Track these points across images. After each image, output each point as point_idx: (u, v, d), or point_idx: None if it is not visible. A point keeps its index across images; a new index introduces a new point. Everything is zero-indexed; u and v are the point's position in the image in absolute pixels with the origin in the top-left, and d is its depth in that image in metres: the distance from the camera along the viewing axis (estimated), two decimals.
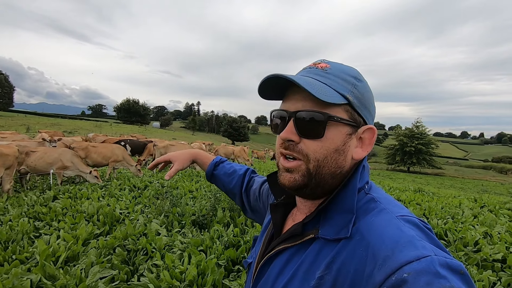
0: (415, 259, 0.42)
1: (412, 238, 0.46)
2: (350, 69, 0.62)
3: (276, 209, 0.73)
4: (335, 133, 0.57)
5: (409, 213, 0.54)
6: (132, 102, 73.81)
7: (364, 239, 0.50)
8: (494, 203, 7.44)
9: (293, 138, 0.58)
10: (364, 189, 0.60)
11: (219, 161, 1.16)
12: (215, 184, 1.16)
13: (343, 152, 0.58)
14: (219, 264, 2.94)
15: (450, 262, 0.42)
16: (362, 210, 0.56)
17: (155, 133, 44.60)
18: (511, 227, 4.72)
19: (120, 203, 4.93)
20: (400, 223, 0.50)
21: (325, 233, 0.56)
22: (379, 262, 0.45)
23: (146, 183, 6.91)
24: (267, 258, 0.66)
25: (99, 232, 3.70)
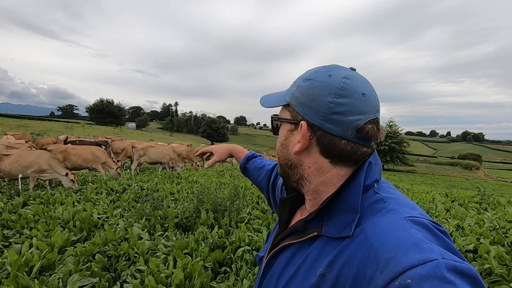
0: (419, 263, 0.40)
1: (418, 240, 0.44)
2: (310, 71, 0.65)
3: (285, 204, 0.74)
4: (281, 130, 0.68)
5: (421, 214, 0.52)
6: (106, 102, 70.92)
7: (368, 239, 0.49)
8: (463, 197, 7.92)
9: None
10: (373, 188, 0.58)
11: (251, 155, 1.25)
12: (248, 177, 1.23)
13: (286, 146, 0.66)
14: (205, 267, 2.89)
15: (459, 266, 0.40)
16: (369, 210, 0.54)
17: (131, 135, 43.15)
18: (480, 219, 5.05)
19: (97, 208, 4.71)
20: (407, 225, 0.47)
21: (329, 231, 0.56)
22: (381, 265, 0.44)
23: (125, 186, 6.65)
24: (273, 253, 0.67)
25: (76, 239, 3.51)
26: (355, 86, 0.58)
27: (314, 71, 0.63)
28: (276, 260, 0.66)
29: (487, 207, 6.51)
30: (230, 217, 4.46)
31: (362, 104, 0.57)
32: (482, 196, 7.16)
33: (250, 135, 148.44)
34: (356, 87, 0.58)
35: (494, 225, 4.61)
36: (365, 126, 0.57)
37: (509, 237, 3.93)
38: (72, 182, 6.15)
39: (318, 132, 0.59)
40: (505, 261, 3.20)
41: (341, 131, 0.57)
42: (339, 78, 0.59)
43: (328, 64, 0.64)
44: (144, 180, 7.81)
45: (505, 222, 4.95)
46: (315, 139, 0.60)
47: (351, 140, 0.58)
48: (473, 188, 22.26)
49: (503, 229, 4.45)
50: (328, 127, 0.57)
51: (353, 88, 0.58)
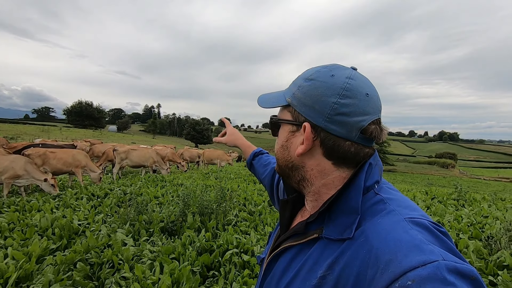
0: (420, 265, 0.39)
1: (419, 242, 0.43)
2: (310, 71, 0.63)
3: (286, 205, 0.73)
4: (281, 132, 0.67)
5: (422, 215, 0.51)
6: (84, 105, 68.45)
7: (368, 241, 0.49)
8: (442, 194, 8.24)
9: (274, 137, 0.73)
10: (374, 189, 0.57)
11: (259, 152, 1.25)
12: (253, 173, 1.24)
13: (286, 147, 0.65)
14: (193, 271, 2.84)
15: (460, 267, 0.39)
16: (369, 211, 0.54)
17: (112, 137, 41.91)
18: (458, 215, 5.27)
19: (78, 214, 4.52)
20: (408, 226, 0.47)
21: (329, 233, 0.55)
22: (381, 267, 0.43)
23: (106, 190, 6.43)
24: (274, 255, 0.67)
25: (55, 247, 3.35)
26: (359, 86, 0.58)
27: (316, 71, 0.62)
28: (277, 262, 0.66)
29: (464, 204, 6.80)
30: (217, 220, 4.41)
31: (366, 105, 0.57)
32: (459, 193, 7.49)
33: None
34: (359, 87, 0.58)
35: (471, 221, 4.82)
36: (369, 127, 0.57)
37: (485, 232, 4.12)
38: (52, 187, 5.88)
39: (322, 133, 0.58)
40: (483, 254, 3.35)
41: (345, 132, 0.56)
42: (342, 78, 0.58)
43: (329, 64, 0.63)
44: (127, 184, 7.59)
45: (481, 217, 5.20)
46: (319, 141, 0.59)
47: (355, 141, 0.57)
48: (450, 185, 23.25)
49: (480, 224, 4.67)
50: (332, 128, 0.57)
51: (357, 89, 0.57)
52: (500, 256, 3.19)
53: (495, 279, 2.80)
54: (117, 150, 8.74)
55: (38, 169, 6.04)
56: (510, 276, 2.73)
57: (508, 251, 3.29)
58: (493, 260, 3.17)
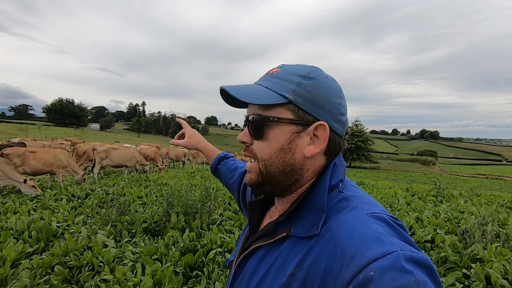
0: (381, 256, 0.42)
1: (379, 235, 0.46)
2: (302, 68, 0.62)
3: (254, 207, 0.74)
4: (279, 133, 0.59)
5: (381, 210, 0.55)
6: (65, 102, 66.33)
7: (334, 237, 0.51)
8: (422, 191, 8.53)
9: (246, 140, 0.64)
10: (338, 188, 0.60)
11: (224, 156, 1.21)
12: (218, 178, 1.19)
13: (290, 150, 0.59)
14: (176, 272, 2.81)
15: (415, 256, 0.43)
16: (334, 208, 0.56)
17: (94, 136, 40.80)
18: (436, 211, 5.47)
19: (56, 216, 4.38)
20: (370, 220, 0.50)
21: (297, 231, 0.57)
22: (346, 260, 0.46)
23: (88, 191, 6.25)
24: (244, 257, 0.67)
25: (32, 251, 3.23)
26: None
27: (310, 70, 0.62)
28: (247, 263, 0.66)
29: (442, 200, 7.07)
30: (201, 219, 4.38)
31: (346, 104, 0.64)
32: (438, 189, 7.77)
33: (221, 135, 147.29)
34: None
35: (448, 216, 5.01)
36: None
37: (461, 227, 4.29)
38: (34, 188, 5.65)
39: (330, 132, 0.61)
40: (458, 248, 3.49)
41: (342, 130, 0.62)
42: (334, 81, 0.64)
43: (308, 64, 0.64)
44: (110, 184, 7.41)
45: (458, 213, 5.41)
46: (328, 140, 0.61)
47: (344, 138, 0.64)
48: (431, 182, 24.02)
49: (456, 219, 4.87)
50: (336, 127, 0.61)
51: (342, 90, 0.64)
52: (474, 249, 3.33)
53: (468, 271, 2.93)
54: (96, 149, 8.49)
55: (15, 170, 5.80)
56: (482, 268, 2.87)
57: (481, 244, 3.44)
58: (467, 253, 3.31)
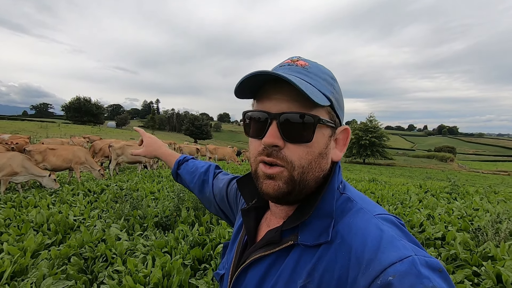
0: (398, 260, 0.42)
1: (392, 239, 0.46)
2: (326, 68, 0.60)
3: (248, 214, 0.68)
4: (320, 137, 0.54)
5: (384, 210, 0.54)
6: (83, 101, 68.39)
7: (345, 242, 0.49)
8: (436, 188, 8.33)
9: (278, 143, 0.52)
10: (339, 189, 0.58)
11: (183, 159, 1.12)
12: (181, 183, 1.12)
13: (326, 155, 0.56)
14: (185, 264, 2.90)
15: (429, 261, 0.43)
16: (339, 211, 0.54)
17: (110, 133, 41.94)
18: (449, 208, 5.35)
19: (73, 210, 4.58)
20: (379, 223, 0.49)
21: (305, 239, 0.53)
22: (363, 266, 0.45)
23: (103, 186, 6.49)
24: (243, 269, 0.61)
25: (50, 242, 3.41)
26: None
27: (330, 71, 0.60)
28: (247, 276, 0.60)
29: (456, 197, 6.89)
30: (211, 214, 4.47)
31: None
32: (452, 186, 7.56)
33: (234, 132, 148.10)
34: None
35: (462, 213, 4.89)
36: None
37: (474, 224, 4.19)
38: (54, 182, 6.02)
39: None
40: (470, 246, 3.42)
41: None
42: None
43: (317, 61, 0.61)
44: (124, 180, 7.65)
45: (472, 210, 5.27)
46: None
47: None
48: (448, 179, 23.33)
49: (470, 217, 4.74)
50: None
51: None
52: (486, 247, 3.25)
53: (479, 269, 2.87)
54: (112, 146, 8.77)
55: (36, 166, 6.11)
56: (494, 266, 2.80)
57: (494, 242, 3.35)
58: (479, 251, 3.23)
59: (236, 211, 0.88)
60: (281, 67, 0.58)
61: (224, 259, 0.75)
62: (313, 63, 0.58)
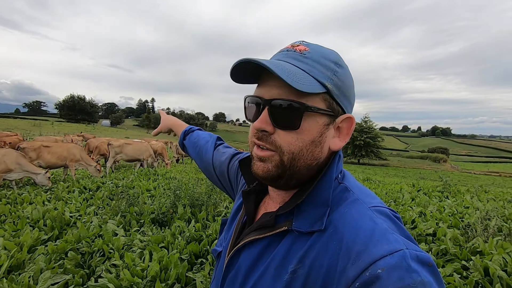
0: (388, 254, 0.42)
1: (385, 232, 0.46)
2: (331, 52, 0.57)
3: (249, 196, 0.69)
4: (312, 124, 0.53)
5: (381, 203, 0.54)
6: (77, 99, 67.72)
7: (338, 232, 0.49)
8: (428, 187, 8.49)
9: (267, 129, 0.54)
10: (338, 178, 0.58)
11: (188, 130, 1.17)
12: (187, 154, 1.17)
13: (320, 143, 0.55)
14: (182, 259, 2.94)
15: (420, 255, 0.43)
16: (335, 200, 0.55)
17: (105, 132, 41.58)
18: (441, 206, 5.47)
19: (69, 206, 4.59)
20: (373, 215, 0.49)
21: (299, 225, 0.54)
22: (352, 257, 0.45)
23: (98, 184, 6.48)
24: (237, 250, 0.62)
25: (47, 238, 3.42)
26: None
27: (338, 56, 0.58)
28: (240, 257, 0.61)
29: (448, 195, 7.03)
30: (207, 211, 4.52)
31: None
32: (444, 185, 7.72)
33: (230, 132, 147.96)
34: None
35: (453, 211, 5.01)
36: None
37: (464, 221, 4.30)
38: (48, 180, 6.00)
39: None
40: (459, 242, 3.52)
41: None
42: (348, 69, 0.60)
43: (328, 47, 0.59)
44: (119, 177, 7.64)
45: (463, 208, 5.40)
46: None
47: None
48: (440, 178, 23.67)
49: (460, 214, 4.86)
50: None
51: None
52: (475, 243, 3.36)
53: (468, 263, 2.97)
54: (111, 144, 8.77)
55: (30, 163, 6.08)
56: (482, 260, 2.90)
57: (482, 238, 3.46)
58: (468, 246, 3.34)
59: (236, 188, 0.90)
60: (279, 52, 0.58)
61: (221, 236, 0.77)
62: (315, 47, 0.57)
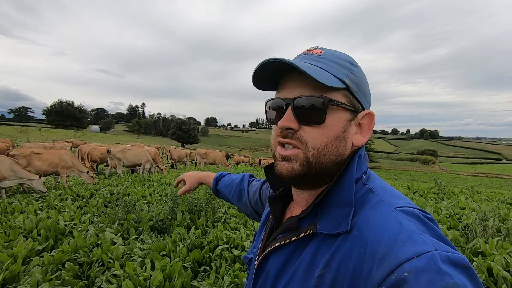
0: (415, 256, 0.40)
1: (411, 233, 0.44)
2: (344, 54, 0.60)
3: (275, 201, 0.71)
4: (336, 119, 0.55)
5: (409, 203, 0.52)
6: (65, 104, 66.32)
7: (362, 234, 0.48)
8: (423, 189, 8.60)
9: (292, 126, 0.55)
10: (362, 180, 0.57)
11: (219, 176, 1.20)
12: (222, 198, 1.19)
13: (344, 139, 0.56)
14: (185, 267, 2.87)
15: (452, 256, 0.40)
16: (359, 202, 0.54)
17: (95, 138, 40.80)
18: (438, 208, 5.54)
19: (63, 215, 4.44)
20: (399, 216, 0.47)
21: (324, 227, 0.53)
22: (377, 260, 0.43)
23: (92, 191, 6.32)
24: (265, 255, 0.63)
25: (41, 248, 3.29)
26: None
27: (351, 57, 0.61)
28: (269, 262, 0.62)
29: (443, 197, 7.14)
30: (206, 217, 4.45)
31: None
32: (439, 187, 7.84)
33: (221, 136, 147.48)
34: None
35: (450, 212, 5.08)
36: None
37: (462, 222, 4.35)
38: (43, 185, 5.86)
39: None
40: (460, 243, 3.55)
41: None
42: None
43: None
44: (113, 184, 7.47)
45: (459, 209, 5.47)
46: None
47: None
48: (431, 181, 24.11)
49: (458, 215, 4.93)
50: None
51: None
52: (475, 244, 3.39)
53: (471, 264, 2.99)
54: (112, 150, 8.72)
55: (24, 169, 5.91)
56: (484, 261, 2.93)
57: (482, 239, 3.50)
58: (469, 247, 3.37)
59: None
60: (297, 57, 0.61)
61: (253, 244, 0.79)
62: (330, 50, 0.60)
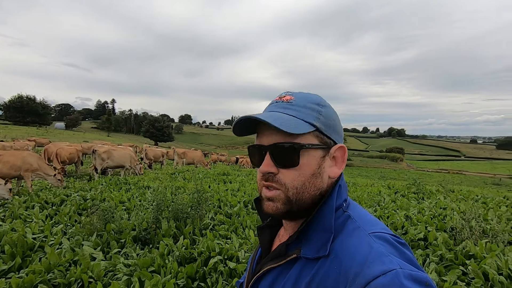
0: (381, 274, 0.45)
1: (380, 254, 0.49)
2: (313, 96, 0.67)
3: (263, 231, 0.76)
4: (309, 159, 0.61)
5: (383, 228, 0.57)
6: (26, 99, 61.55)
7: (338, 257, 0.53)
8: (402, 188, 8.88)
9: (272, 170, 0.62)
10: (342, 207, 0.63)
11: None
12: None
13: (320, 174, 0.62)
14: (177, 284, 2.63)
15: (415, 274, 0.45)
16: (339, 228, 0.59)
17: (60, 135, 38.23)
18: (421, 208, 5.70)
19: (30, 226, 3.95)
20: (371, 240, 0.52)
21: (306, 252, 0.59)
22: (350, 279, 0.48)
23: (62, 197, 5.75)
24: (255, 279, 0.69)
25: (7, 268, 2.87)
26: None
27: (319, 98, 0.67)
28: (259, 285, 0.67)
29: (423, 197, 7.40)
30: (193, 224, 4.18)
31: None
32: (417, 186, 8.13)
33: (196, 134, 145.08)
34: None
35: (433, 213, 5.22)
36: None
37: (447, 223, 4.48)
38: (9, 192, 5.28)
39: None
40: (450, 245, 3.62)
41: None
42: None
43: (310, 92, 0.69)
44: (86, 188, 6.90)
45: (440, 209, 5.67)
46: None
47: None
48: (400, 177, 25.33)
49: (441, 216, 5.08)
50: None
51: None
52: (466, 246, 3.47)
53: (464, 268, 3.03)
54: (97, 151, 8.13)
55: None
56: (478, 265, 2.98)
57: (471, 241, 3.59)
58: (459, 250, 3.43)
59: None
60: (271, 104, 0.68)
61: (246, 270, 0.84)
62: (298, 94, 0.66)
